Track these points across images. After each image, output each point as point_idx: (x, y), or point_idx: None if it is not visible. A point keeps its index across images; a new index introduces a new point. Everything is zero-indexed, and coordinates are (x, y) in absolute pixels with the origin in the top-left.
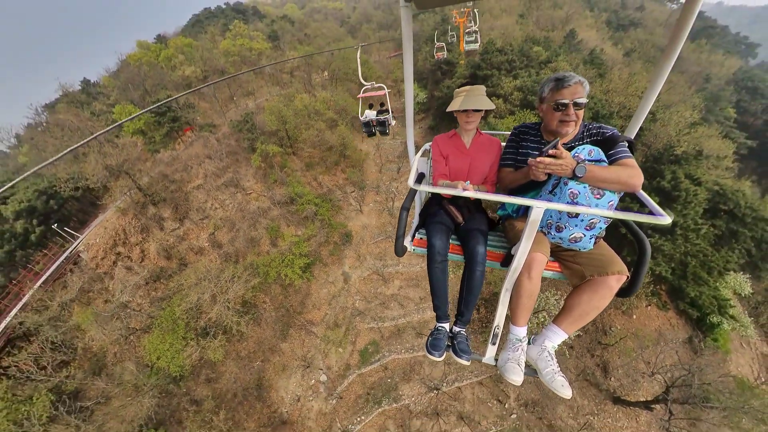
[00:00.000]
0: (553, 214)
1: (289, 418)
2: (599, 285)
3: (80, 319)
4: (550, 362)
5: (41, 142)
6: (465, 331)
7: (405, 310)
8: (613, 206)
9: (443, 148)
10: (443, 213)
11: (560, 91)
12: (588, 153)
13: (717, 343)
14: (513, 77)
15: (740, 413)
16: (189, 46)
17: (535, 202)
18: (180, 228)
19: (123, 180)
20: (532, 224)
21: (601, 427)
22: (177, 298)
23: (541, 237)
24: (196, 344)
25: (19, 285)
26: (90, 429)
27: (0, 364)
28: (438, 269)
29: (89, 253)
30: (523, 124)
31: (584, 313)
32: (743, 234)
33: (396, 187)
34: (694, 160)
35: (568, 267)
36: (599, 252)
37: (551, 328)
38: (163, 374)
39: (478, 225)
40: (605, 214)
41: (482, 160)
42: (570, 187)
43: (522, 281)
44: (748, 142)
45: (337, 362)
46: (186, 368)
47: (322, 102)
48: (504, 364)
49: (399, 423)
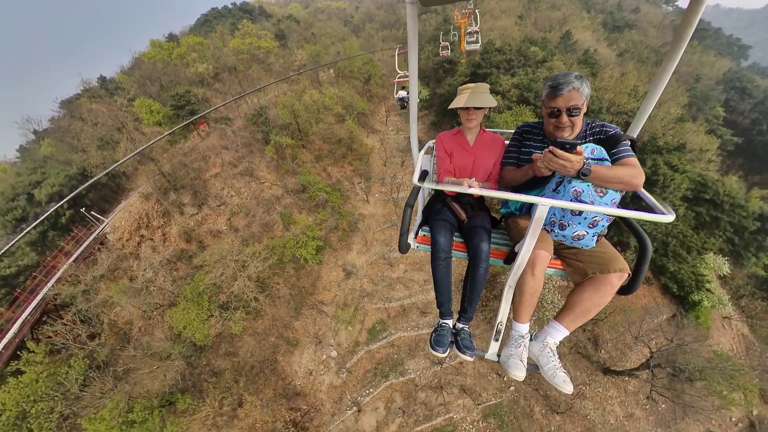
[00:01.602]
0: (556, 212)
1: (302, 390)
2: (601, 282)
3: (112, 291)
4: (551, 358)
5: (76, 131)
6: (468, 328)
7: (410, 291)
8: (616, 204)
9: (447, 145)
10: (447, 210)
11: (554, 98)
12: (591, 152)
13: (698, 320)
14: (511, 75)
15: (714, 372)
16: (200, 44)
17: (539, 199)
18: (198, 213)
19: (148, 166)
20: (536, 221)
21: (593, 396)
22: (200, 274)
23: (545, 234)
24: (219, 316)
25: (53, 261)
26: (125, 386)
27: (38, 333)
28: (442, 266)
29: (115, 234)
30: (527, 123)
31: (586, 310)
32: (722, 219)
33: (400, 179)
34: (677, 152)
35: (570, 264)
36: (601, 250)
37: (553, 324)
38: (188, 343)
39: (481, 222)
40: (609, 212)
41: (486, 157)
42: (573, 186)
43: (525, 278)
44: (735, 139)
45: (347, 339)
46: (209, 338)
47: (330, 98)
48: (507, 360)
49: (405, 395)
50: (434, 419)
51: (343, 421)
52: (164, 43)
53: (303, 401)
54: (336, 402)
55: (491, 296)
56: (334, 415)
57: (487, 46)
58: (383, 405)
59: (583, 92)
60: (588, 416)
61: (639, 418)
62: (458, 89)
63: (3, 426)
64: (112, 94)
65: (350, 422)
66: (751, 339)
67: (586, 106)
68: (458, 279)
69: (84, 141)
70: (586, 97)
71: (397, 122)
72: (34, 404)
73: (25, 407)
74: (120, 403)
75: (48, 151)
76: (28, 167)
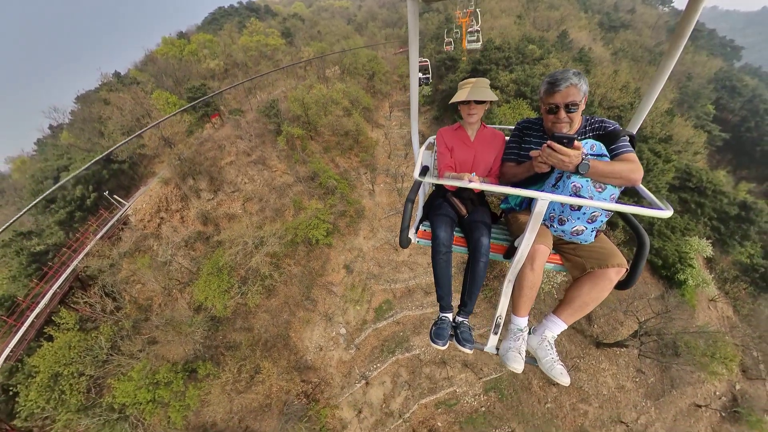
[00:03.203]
0: (555, 207)
1: (313, 364)
2: (599, 277)
3: (139, 264)
4: (549, 351)
5: (104, 117)
6: (467, 321)
7: (414, 273)
8: (615, 200)
9: (448, 140)
10: (447, 205)
11: (552, 95)
12: (590, 147)
13: (684, 298)
14: (509, 71)
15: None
16: (210, 41)
17: (539, 194)
18: (214, 198)
19: (169, 150)
20: (536, 216)
21: (587, 369)
22: (220, 250)
23: (544, 230)
24: (237, 289)
25: (82, 237)
26: (153, 349)
27: (69, 302)
28: (442, 260)
29: (136, 216)
30: (527, 120)
31: (584, 305)
32: (706, 205)
33: (404, 170)
34: (663, 143)
35: (569, 259)
36: (600, 245)
37: (551, 318)
38: (207, 317)
39: (481, 217)
40: (607, 207)
41: (486, 152)
42: (573, 181)
43: (525, 272)
44: (723, 134)
45: (355, 318)
46: (228, 309)
47: (338, 92)
48: (506, 353)
49: (411, 370)
50: (438, 392)
51: (352, 394)
52: (175, 40)
53: (314, 374)
54: (345, 376)
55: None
56: (343, 388)
57: (487, 44)
58: (390, 379)
59: (581, 89)
60: (582, 387)
61: (630, 390)
62: (459, 84)
63: (37, 387)
64: (129, 88)
65: (359, 395)
66: (735, 320)
67: (584, 103)
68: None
69: (110, 127)
70: (584, 94)
71: (400, 117)
72: (65, 367)
73: (58, 369)
74: (146, 366)
75: (69, 139)
76: (55, 153)
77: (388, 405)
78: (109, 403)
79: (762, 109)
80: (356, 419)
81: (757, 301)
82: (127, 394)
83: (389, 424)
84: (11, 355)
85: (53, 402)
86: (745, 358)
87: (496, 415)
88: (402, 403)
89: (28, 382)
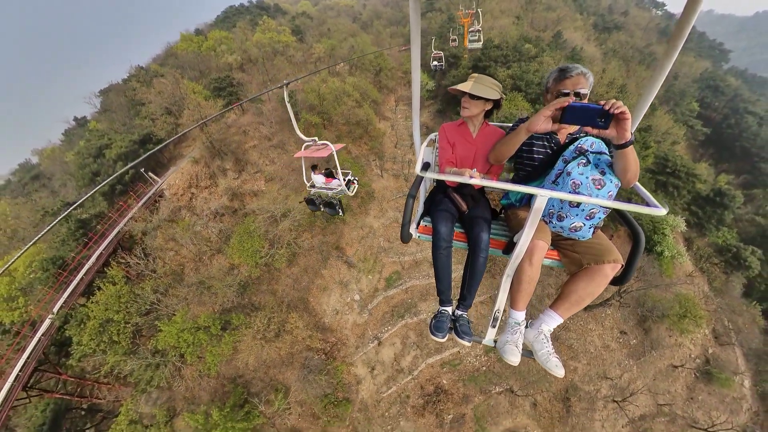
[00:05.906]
0: (554, 204)
1: (329, 326)
2: (596, 273)
3: (178, 228)
4: (545, 344)
5: (146, 100)
6: (466, 314)
7: (421, 247)
8: (612, 197)
9: (450, 135)
10: (448, 201)
11: (563, 81)
12: (590, 145)
13: (662, 268)
14: (506, 68)
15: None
16: (226, 38)
17: (539, 190)
18: (239, 178)
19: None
20: (535, 212)
21: (576, 329)
22: (250, 218)
23: (543, 225)
24: (267, 251)
25: (125, 204)
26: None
27: (115, 260)
28: (443, 255)
29: (170, 190)
30: (526, 117)
31: (580, 299)
32: (681, 187)
33: (410, 158)
34: (643, 132)
35: (566, 255)
36: (597, 241)
37: (548, 312)
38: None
39: (481, 213)
40: (606, 204)
41: (488, 149)
42: (572, 178)
43: (523, 267)
44: (704, 129)
45: (367, 286)
46: (258, 269)
47: (350, 85)
48: (503, 346)
49: (418, 333)
50: (443, 353)
51: (366, 353)
52: (193, 37)
53: (331, 335)
54: (359, 337)
55: None
56: (357, 348)
57: (487, 43)
58: (399, 340)
59: (589, 80)
60: (572, 346)
61: (614, 349)
62: (469, 76)
63: (90, 332)
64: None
65: (372, 354)
66: (710, 294)
67: (587, 99)
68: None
69: (150, 109)
70: (590, 86)
71: (405, 111)
72: (115, 314)
73: (109, 316)
74: (188, 312)
75: (95, 127)
76: (95, 135)
77: (399, 363)
78: (153, 346)
79: (742, 107)
80: (369, 375)
81: (729, 278)
82: (172, 335)
83: (400, 380)
84: (64, 305)
85: (103, 345)
86: (717, 326)
87: (496, 374)
88: (411, 362)
89: (80, 328)
